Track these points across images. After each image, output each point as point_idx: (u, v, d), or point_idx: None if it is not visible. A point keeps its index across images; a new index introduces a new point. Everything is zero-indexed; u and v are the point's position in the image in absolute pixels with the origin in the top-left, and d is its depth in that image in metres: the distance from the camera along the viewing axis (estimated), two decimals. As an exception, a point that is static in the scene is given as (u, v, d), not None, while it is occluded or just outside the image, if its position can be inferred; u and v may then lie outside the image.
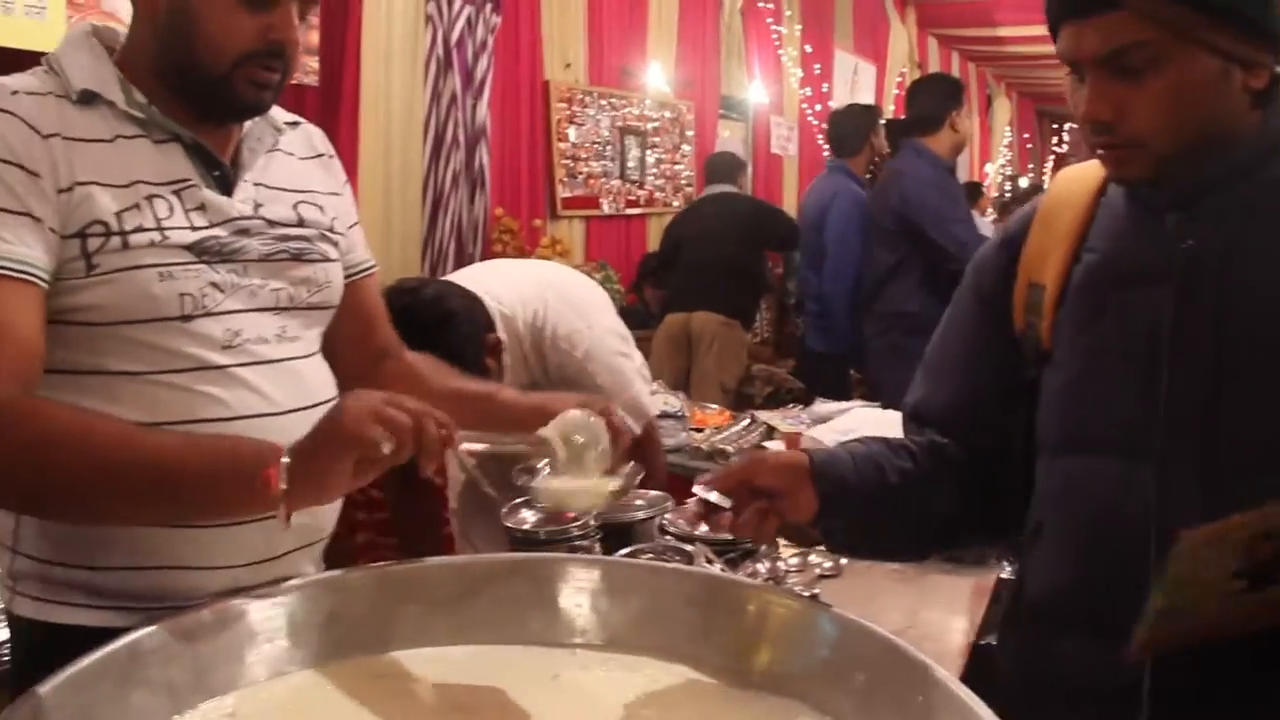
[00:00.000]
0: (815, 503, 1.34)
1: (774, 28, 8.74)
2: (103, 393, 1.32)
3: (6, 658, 1.78)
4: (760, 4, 8.45)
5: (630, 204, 6.81)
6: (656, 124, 7.13)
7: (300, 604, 1.31)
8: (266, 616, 1.28)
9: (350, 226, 1.61)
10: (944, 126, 4.16)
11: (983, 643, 1.80)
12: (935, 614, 1.77)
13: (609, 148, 6.60)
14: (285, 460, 1.18)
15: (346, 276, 1.60)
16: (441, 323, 2.15)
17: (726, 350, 5.35)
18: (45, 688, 1.05)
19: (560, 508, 1.56)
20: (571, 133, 6.22)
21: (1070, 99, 1.28)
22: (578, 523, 1.73)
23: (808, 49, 9.22)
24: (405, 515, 2.85)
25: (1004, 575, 1.99)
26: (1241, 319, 1.21)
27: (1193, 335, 1.22)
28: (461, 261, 5.06)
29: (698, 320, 5.45)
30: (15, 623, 1.43)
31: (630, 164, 6.84)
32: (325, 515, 1.51)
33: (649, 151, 7.05)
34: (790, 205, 9.28)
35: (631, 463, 1.50)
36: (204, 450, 1.23)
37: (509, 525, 1.73)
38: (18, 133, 1.28)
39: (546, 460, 1.47)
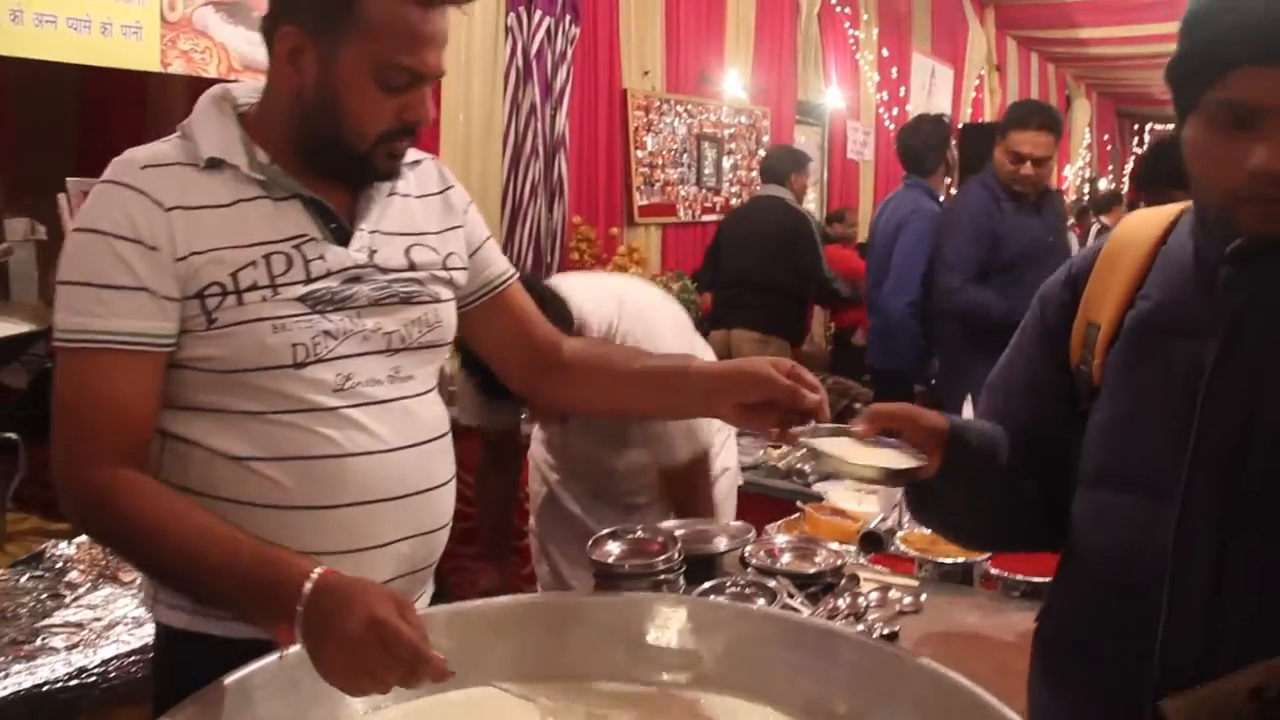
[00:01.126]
0: (937, 466, 1.38)
1: (851, 32, 8.70)
2: (225, 429, 1.44)
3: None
4: (837, 8, 8.42)
5: (706, 210, 6.83)
6: (732, 130, 7.14)
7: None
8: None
9: (479, 247, 1.69)
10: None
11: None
12: (1016, 651, 1.77)
13: (685, 155, 6.63)
14: (298, 629, 1.21)
15: (491, 290, 1.70)
16: None
17: None
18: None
19: (840, 474, 1.51)
20: (649, 140, 6.25)
21: (1199, 138, 1.22)
22: (663, 556, 1.76)
23: (884, 53, 9.17)
24: (487, 525, 2.91)
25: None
26: (1278, 376, 1.22)
27: (1229, 385, 1.23)
28: (539, 270, 5.12)
29: (735, 338, 5.40)
30: (158, 629, 1.57)
31: (707, 170, 6.86)
32: (437, 541, 1.58)
33: (725, 158, 7.06)
34: (866, 210, 9.24)
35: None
36: (241, 579, 1.29)
37: (594, 558, 1.76)
38: (143, 210, 1.39)
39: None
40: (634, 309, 2.52)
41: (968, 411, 4.13)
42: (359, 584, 1.23)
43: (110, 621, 2.07)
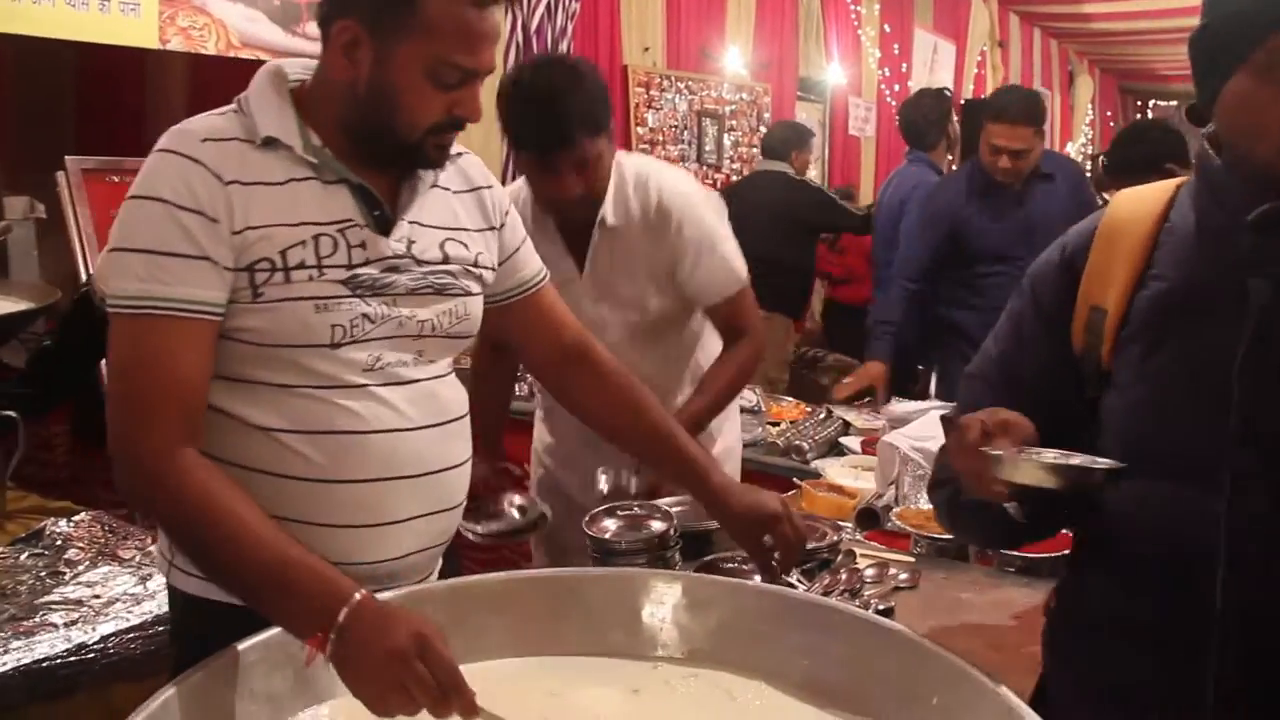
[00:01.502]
0: None
1: (853, 8, 8.65)
2: (258, 400, 1.47)
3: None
4: (839, -16, 8.39)
5: (707, 187, 6.79)
6: (734, 107, 7.12)
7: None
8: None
9: (514, 251, 1.73)
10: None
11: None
12: (1011, 628, 1.78)
13: (686, 132, 6.62)
14: (332, 638, 1.25)
15: (524, 290, 1.74)
16: (573, 79, 2.20)
17: (766, 344, 5.27)
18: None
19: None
20: (650, 117, 6.24)
21: (1251, 90, 1.22)
22: (659, 532, 1.77)
23: (886, 28, 9.12)
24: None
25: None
26: None
27: (1265, 364, 1.22)
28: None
29: None
30: (172, 593, 1.61)
31: (708, 147, 6.85)
32: (452, 519, 1.62)
33: (726, 135, 7.05)
34: (867, 187, 9.21)
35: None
36: (284, 583, 1.31)
37: (590, 534, 1.77)
38: (203, 181, 1.42)
39: None
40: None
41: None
42: (402, 609, 1.28)
43: (109, 599, 2.08)
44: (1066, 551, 2.03)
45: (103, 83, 4.83)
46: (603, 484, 2.31)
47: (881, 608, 1.78)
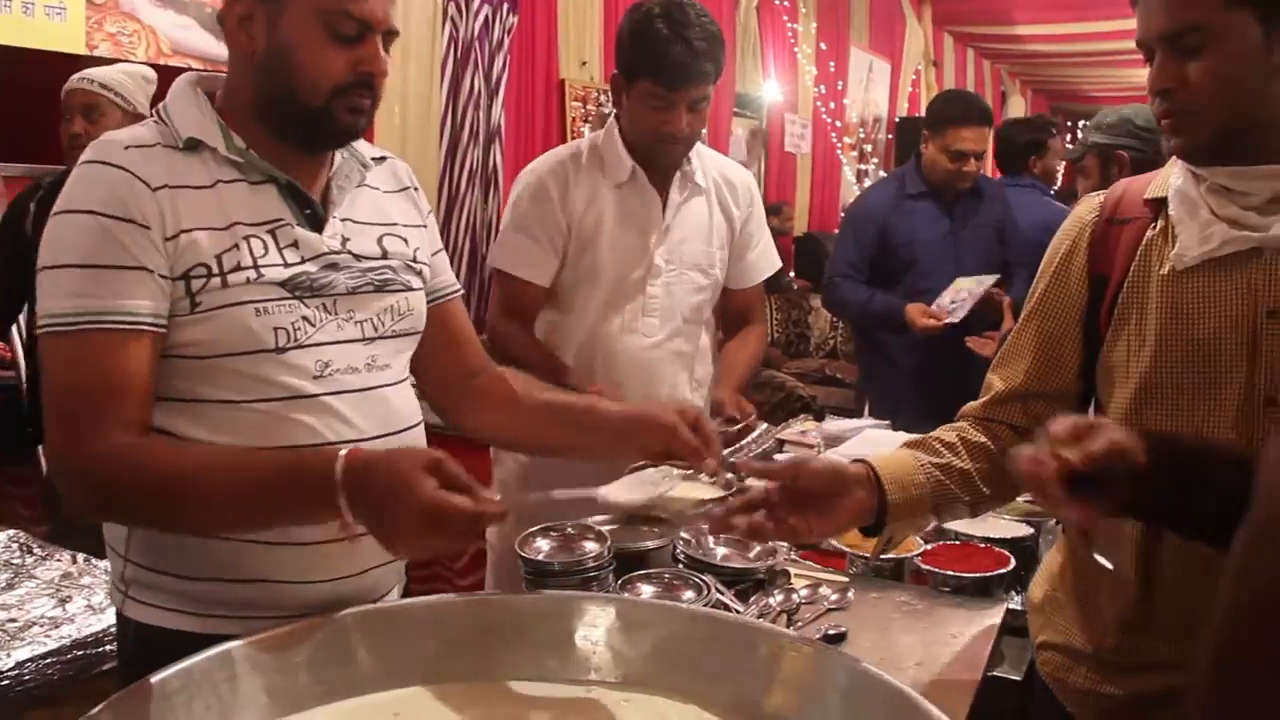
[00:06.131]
0: None
1: (789, 25, 8.72)
2: (204, 420, 1.44)
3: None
4: (776, 1, 8.43)
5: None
6: (671, 122, 7.11)
7: (324, 641, 1.35)
8: (286, 652, 1.31)
9: (434, 254, 1.70)
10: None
11: (991, 675, 1.81)
12: (945, 649, 1.78)
13: (623, 146, 6.59)
14: (346, 506, 1.27)
15: (433, 300, 1.69)
16: (715, 23, 2.42)
17: None
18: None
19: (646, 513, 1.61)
20: (586, 131, 6.21)
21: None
22: (593, 553, 1.75)
23: (823, 46, 9.20)
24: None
25: (1012, 606, 2.00)
26: None
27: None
28: (475, 262, 5.08)
29: None
30: (123, 624, 1.56)
31: (644, 162, 6.83)
32: None
33: (663, 149, 7.04)
34: (802, 203, 9.28)
35: (730, 474, 1.56)
36: (278, 492, 1.34)
37: (523, 555, 1.75)
38: (131, 188, 1.39)
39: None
40: None
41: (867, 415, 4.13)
42: (391, 464, 1.27)
43: (26, 622, 2.02)
44: (1000, 571, 2.06)
45: (25, 89, 4.71)
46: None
47: (833, 632, 1.78)
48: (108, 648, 1.96)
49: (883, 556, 2.10)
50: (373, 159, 1.63)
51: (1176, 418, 1.47)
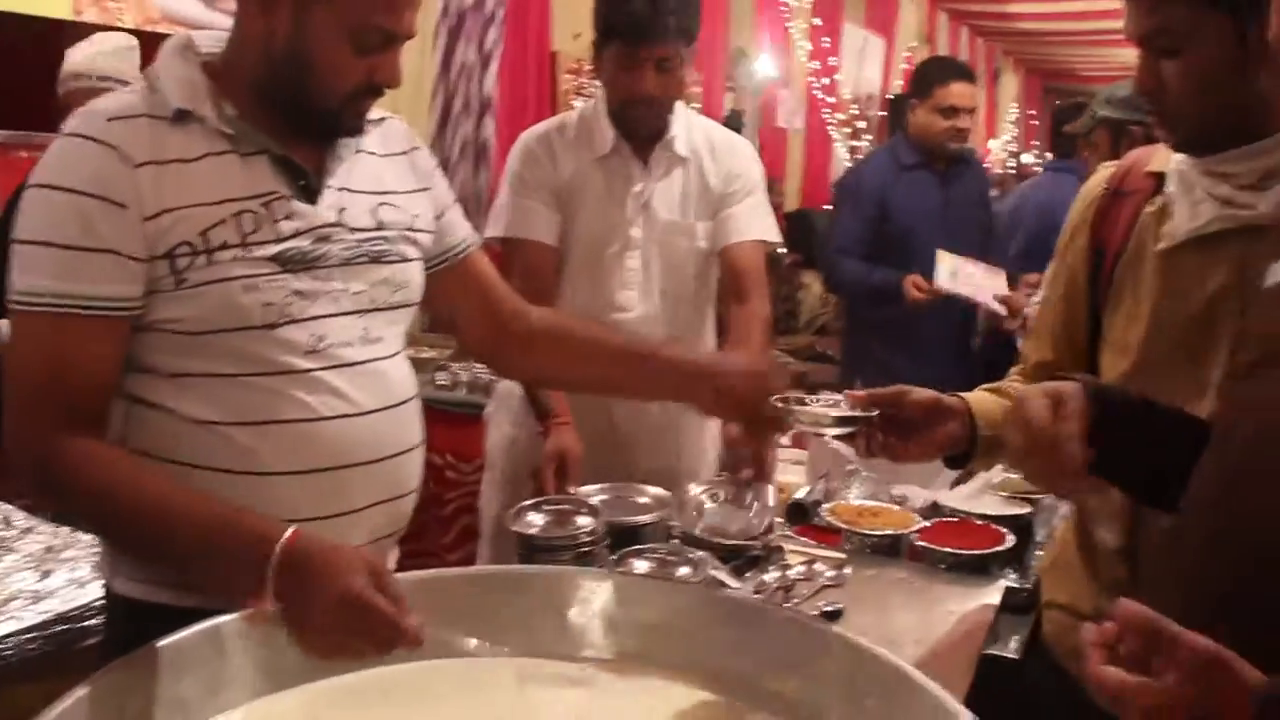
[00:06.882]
0: None
1: (783, 0, 8.66)
2: (193, 392, 1.40)
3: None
4: (770, -25, 8.37)
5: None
6: (663, 95, 7.06)
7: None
8: (276, 628, 1.28)
9: (442, 214, 1.67)
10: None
11: (988, 653, 1.80)
12: (943, 626, 1.77)
13: (616, 120, 6.55)
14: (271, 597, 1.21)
15: (453, 256, 1.68)
16: None
17: None
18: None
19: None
20: (579, 104, 6.16)
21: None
22: (585, 529, 1.73)
23: (816, 22, 9.14)
24: None
25: (1010, 584, 1.98)
26: None
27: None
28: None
29: None
30: (112, 599, 1.54)
31: (637, 136, 6.79)
32: (407, 506, 1.57)
33: (656, 123, 6.99)
34: (794, 179, 9.24)
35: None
36: (205, 545, 1.28)
37: (516, 529, 1.72)
38: (110, 165, 1.35)
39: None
40: None
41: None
42: (330, 551, 1.21)
43: (7, 596, 1.98)
44: (998, 549, 2.04)
45: (12, 55, 4.65)
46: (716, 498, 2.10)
47: (829, 609, 1.76)
48: (91, 622, 1.93)
49: (879, 533, 2.09)
50: (369, 121, 1.58)
51: (1165, 392, 1.46)
